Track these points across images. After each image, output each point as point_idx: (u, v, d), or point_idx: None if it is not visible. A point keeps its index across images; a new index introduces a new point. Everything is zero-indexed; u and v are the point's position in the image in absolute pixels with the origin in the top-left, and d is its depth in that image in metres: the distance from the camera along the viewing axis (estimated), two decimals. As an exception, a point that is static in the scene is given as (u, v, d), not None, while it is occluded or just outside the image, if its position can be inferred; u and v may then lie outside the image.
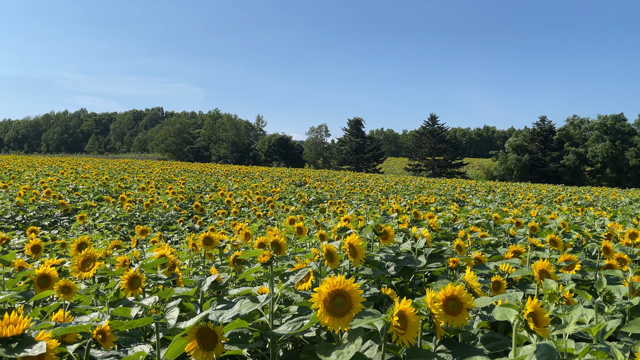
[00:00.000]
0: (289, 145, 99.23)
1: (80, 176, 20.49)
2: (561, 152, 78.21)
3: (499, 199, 18.50)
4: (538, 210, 10.06)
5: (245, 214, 11.44)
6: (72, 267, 2.90)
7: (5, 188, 12.91)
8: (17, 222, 9.98)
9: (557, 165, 77.42)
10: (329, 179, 31.57)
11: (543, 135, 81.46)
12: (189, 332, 2.10)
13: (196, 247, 4.13)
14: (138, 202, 12.37)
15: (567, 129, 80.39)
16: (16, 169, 23.96)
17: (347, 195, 18.11)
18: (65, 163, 34.48)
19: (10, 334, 1.42)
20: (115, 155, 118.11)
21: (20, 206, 10.59)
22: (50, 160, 39.21)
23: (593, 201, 19.29)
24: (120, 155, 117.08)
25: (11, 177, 18.69)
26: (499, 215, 6.15)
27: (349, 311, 1.80)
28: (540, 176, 74.68)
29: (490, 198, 18.63)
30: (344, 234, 2.94)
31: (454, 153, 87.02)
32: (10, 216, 10.13)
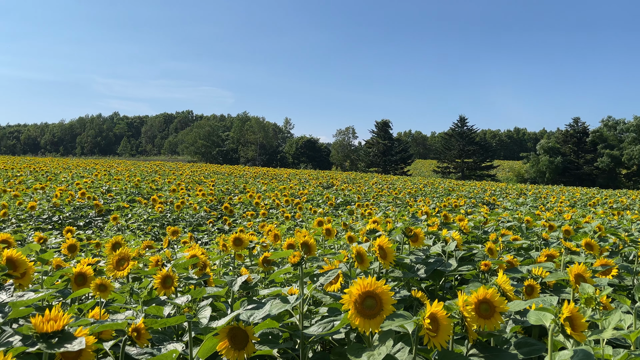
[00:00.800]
0: (316, 147, 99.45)
1: (113, 178, 21.00)
2: (595, 155, 76.05)
3: (531, 202, 18.11)
4: (572, 213, 9.81)
5: (273, 215, 11.52)
6: (107, 266, 2.97)
7: (42, 189, 13.33)
8: (54, 222, 10.29)
9: (591, 167, 75.33)
10: (357, 181, 31.50)
11: (576, 137, 79.41)
12: (221, 332, 2.12)
13: (226, 247, 4.18)
14: (169, 204, 12.59)
15: (601, 131, 78.14)
16: (52, 171, 24.71)
17: (375, 197, 18.03)
18: (99, 165, 35.38)
19: (51, 329, 1.46)
20: (146, 157, 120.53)
21: (56, 207, 10.91)
22: (85, 163, 40.31)
23: (629, 204, 18.69)
24: (151, 157, 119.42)
25: (48, 178, 19.29)
26: (531, 219, 6.02)
27: (379, 313, 1.79)
28: (573, 179, 72.77)
29: (522, 201, 18.26)
30: (373, 235, 2.93)
31: (484, 155, 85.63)
32: (48, 216, 10.46)
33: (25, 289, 2.53)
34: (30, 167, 27.46)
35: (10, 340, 1.94)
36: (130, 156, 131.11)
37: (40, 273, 3.47)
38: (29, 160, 41.68)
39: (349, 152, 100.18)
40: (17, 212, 10.19)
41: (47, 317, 1.48)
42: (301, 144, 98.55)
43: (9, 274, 2.19)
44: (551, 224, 5.36)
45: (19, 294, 2.34)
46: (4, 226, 8.99)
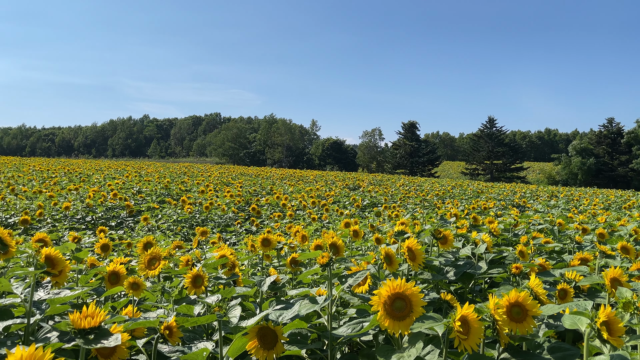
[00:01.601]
0: (342, 149, 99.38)
1: (143, 179, 21.41)
2: (630, 156, 73.76)
3: (563, 204, 17.69)
4: (606, 216, 9.55)
5: (300, 216, 11.56)
6: (138, 265, 3.03)
7: (76, 190, 13.70)
8: (87, 223, 10.56)
9: (625, 169, 73.07)
10: (383, 183, 31.35)
11: (610, 138, 77.19)
12: (250, 331, 2.15)
13: (255, 248, 4.21)
14: (198, 205, 12.77)
15: (636, 132, 75.72)
16: (85, 173, 25.37)
17: (402, 199, 17.90)
18: (130, 167, 36.13)
19: (88, 325, 1.51)
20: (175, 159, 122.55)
21: (89, 207, 11.20)
22: (116, 164, 41.24)
23: (667, 207, 18.06)
24: (180, 159, 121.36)
25: (81, 180, 19.80)
26: (563, 221, 5.89)
27: (409, 315, 1.78)
28: (607, 181, 70.76)
29: (553, 203, 17.86)
30: (401, 237, 2.91)
31: (514, 157, 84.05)
32: (81, 217, 10.74)
33: (61, 286, 2.61)
34: (64, 168, 28.25)
35: (48, 336, 2.00)
36: (160, 158, 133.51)
37: (75, 271, 3.57)
38: (63, 162, 42.89)
39: (375, 153, 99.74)
40: (52, 212, 10.50)
41: (85, 314, 1.52)
42: (327, 145, 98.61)
43: (47, 271, 2.26)
44: (584, 227, 5.22)
45: (55, 291, 2.41)
46: (40, 226, 9.28)
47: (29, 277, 2.91)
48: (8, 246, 2.74)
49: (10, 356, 1.29)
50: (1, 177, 19.66)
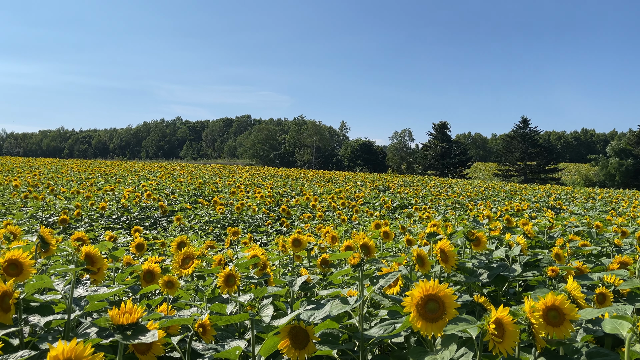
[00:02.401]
0: (371, 150, 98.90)
1: (176, 180, 21.81)
2: (673, 156, 71.04)
3: (600, 206, 17.17)
4: (646, 219, 9.22)
5: (329, 217, 11.57)
6: (172, 264, 3.09)
7: (112, 191, 14.06)
8: (122, 222, 10.83)
9: (667, 170, 70.41)
10: (414, 184, 31.07)
11: (651, 138, 74.51)
12: (282, 330, 2.16)
13: (285, 248, 4.24)
14: (229, 205, 12.93)
15: (679, 131, 72.89)
16: (120, 174, 26.01)
17: (433, 200, 17.71)
18: (163, 168, 36.87)
19: (126, 322, 1.55)
20: (207, 160, 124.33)
21: (125, 207, 11.47)
22: (150, 166, 42.13)
23: None
24: (211, 160, 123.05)
25: (117, 181, 20.30)
26: (601, 224, 5.72)
27: (442, 316, 1.77)
28: (647, 182, 68.29)
29: (590, 205, 17.35)
30: (433, 239, 2.88)
31: (548, 158, 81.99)
32: (117, 216, 11.02)
33: (99, 284, 2.69)
34: (100, 169, 29.04)
35: (87, 332, 2.07)
36: (192, 159, 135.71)
37: (111, 270, 3.66)
38: (99, 164, 44.09)
39: (405, 154, 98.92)
40: (89, 212, 10.81)
41: (123, 310, 1.57)
42: (357, 146, 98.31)
43: (87, 268, 2.33)
44: (624, 230, 5.06)
45: (93, 289, 2.48)
46: (78, 225, 9.56)
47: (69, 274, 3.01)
48: (49, 244, 2.84)
49: (53, 350, 1.34)
50: (41, 178, 20.34)
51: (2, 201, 12.03)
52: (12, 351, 1.92)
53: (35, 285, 2.17)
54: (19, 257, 2.26)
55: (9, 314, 2.03)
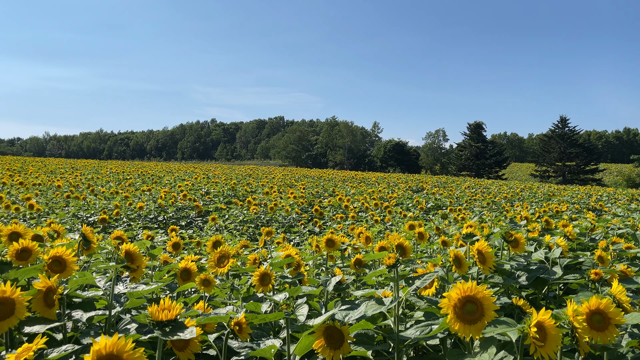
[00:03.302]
0: (404, 151, 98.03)
1: (211, 181, 22.15)
2: None
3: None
4: (695, 221, 8.80)
5: (362, 218, 11.52)
6: (208, 263, 3.13)
7: (149, 191, 14.39)
8: (159, 222, 11.08)
9: None
10: (448, 185, 30.63)
11: (699, 137, 71.23)
12: (317, 330, 2.16)
13: (319, 248, 4.25)
14: (262, 206, 13.05)
15: None
16: (157, 174, 26.61)
17: (468, 202, 17.41)
18: (198, 169, 37.52)
19: (165, 318, 1.58)
20: (240, 162, 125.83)
21: (161, 207, 11.73)
22: (185, 167, 42.95)
23: None
24: (245, 162, 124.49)
25: (154, 181, 20.77)
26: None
27: (480, 318, 1.73)
28: (695, 183, 65.26)
29: (634, 207, 16.70)
30: (470, 240, 2.83)
31: (588, 158, 79.39)
32: (154, 216, 11.27)
33: (137, 281, 2.75)
34: (138, 170, 29.79)
35: (128, 328, 2.11)
36: (226, 160, 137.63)
37: (149, 268, 3.74)
38: (137, 165, 45.22)
39: (439, 155, 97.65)
40: (127, 212, 11.09)
41: (162, 307, 1.60)
42: (389, 147, 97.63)
43: (127, 266, 2.38)
44: (671, 232, 4.85)
45: (132, 286, 2.54)
46: (117, 224, 9.83)
47: (110, 272, 3.09)
48: (90, 242, 2.92)
49: (96, 345, 1.38)
50: (82, 179, 21.01)
51: (46, 201, 12.48)
52: (55, 345, 1.98)
53: (78, 281, 2.23)
54: (63, 255, 2.34)
55: (53, 309, 2.09)
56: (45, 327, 1.96)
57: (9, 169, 25.65)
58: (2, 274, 2.38)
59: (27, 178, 19.29)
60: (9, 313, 1.85)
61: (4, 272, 2.38)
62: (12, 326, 1.86)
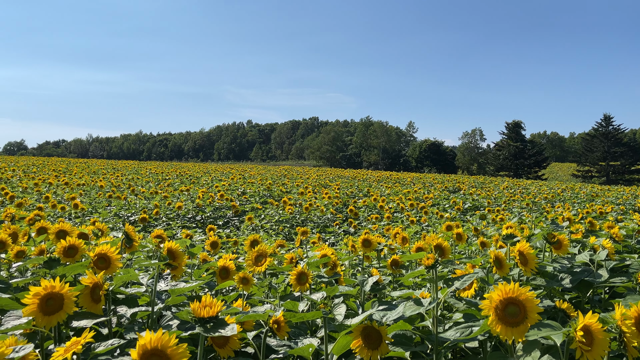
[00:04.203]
0: (440, 150, 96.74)
1: (247, 181, 22.43)
2: None
3: (696, 209, 15.75)
4: None
5: (398, 219, 11.44)
6: (246, 261, 3.17)
7: (187, 191, 14.69)
8: (197, 222, 11.29)
9: None
10: (485, 186, 30.04)
11: None
12: (355, 330, 2.16)
13: (355, 248, 4.24)
14: (298, 206, 13.12)
15: None
16: (195, 175, 27.13)
17: (507, 202, 17.02)
18: (234, 169, 38.06)
19: (207, 315, 1.61)
20: (275, 162, 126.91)
21: (199, 207, 11.96)
22: (222, 167, 43.63)
23: None
24: (279, 162, 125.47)
25: (191, 182, 21.18)
26: (699, 228, 5.23)
27: (523, 321, 1.69)
28: None
29: (684, 208, 15.97)
30: (510, 241, 2.77)
31: (634, 157, 76.33)
32: (192, 216, 11.50)
33: (177, 279, 2.81)
34: (176, 171, 30.45)
35: (170, 324, 2.17)
36: (261, 161, 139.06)
37: (188, 266, 3.82)
38: (175, 165, 46.24)
39: (476, 155, 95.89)
40: (167, 212, 11.36)
41: (204, 304, 1.63)
42: (425, 147, 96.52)
43: (169, 263, 2.44)
44: None
45: (173, 283, 2.60)
46: (157, 224, 10.08)
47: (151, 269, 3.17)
48: (133, 240, 3.01)
49: (141, 339, 1.42)
50: (123, 179, 21.64)
51: (89, 200, 12.91)
52: (102, 339, 2.05)
53: (122, 278, 2.30)
54: (107, 252, 2.42)
55: (99, 305, 2.17)
56: (92, 322, 2.03)
57: (54, 170, 26.68)
58: (51, 270, 2.48)
59: (71, 178, 20.00)
60: (58, 308, 1.93)
61: (52, 269, 2.48)
62: (61, 320, 1.93)
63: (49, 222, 3.87)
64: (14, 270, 3.16)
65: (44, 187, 14.99)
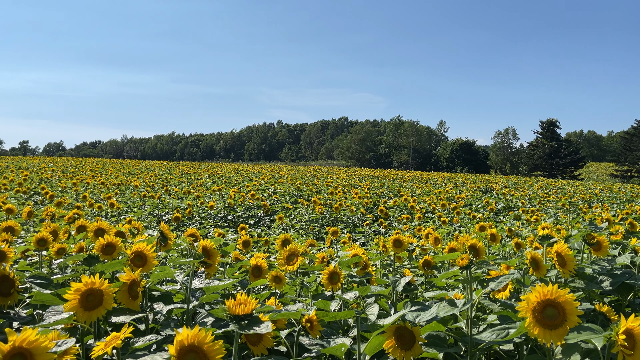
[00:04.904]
0: (472, 150, 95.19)
1: (277, 181, 22.59)
2: None
3: None
4: None
5: (429, 219, 11.32)
6: (278, 260, 3.20)
7: (219, 191, 14.90)
8: (229, 221, 11.44)
9: None
10: (519, 186, 29.42)
11: None
12: (387, 330, 2.15)
13: (386, 249, 4.21)
14: (328, 205, 13.14)
15: None
16: (226, 175, 27.48)
17: (541, 203, 16.64)
18: (264, 170, 38.39)
19: (242, 312, 1.63)
20: (305, 162, 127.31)
21: (231, 207, 12.11)
22: (252, 167, 44.08)
23: None
24: (309, 162, 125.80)
25: (223, 181, 21.46)
26: None
27: (562, 324, 1.65)
28: None
29: None
30: (547, 242, 2.70)
31: (677, 156, 73.48)
32: (224, 215, 11.66)
33: (211, 277, 2.85)
34: (208, 171, 30.92)
35: (205, 321, 2.20)
36: (291, 161, 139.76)
37: (221, 264, 3.87)
38: (207, 166, 46.96)
39: (509, 154, 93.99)
40: (199, 211, 11.54)
41: (238, 301, 1.65)
42: (456, 147, 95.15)
43: (204, 261, 2.48)
44: None
45: (206, 281, 2.64)
46: (189, 223, 10.25)
47: (187, 267, 3.23)
48: (168, 239, 3.07)
49: (179, 335, 1.44)
50: (157, 179, 22.09)
51: (125, 199, 13.23)
52: (139, 335, 2.10)
53: (159, 275, 2.35)
54: (144, 250, 2.47)
55: (136, 301, 2.22)
56: (130, 318, 2.08)
57: (91, 170, 27.47)
58: (90, 267, 2.55)
59: (107, 178, 20.55)
60: (97, 303, 1.98)
61: (91, 265, 2.55)
62: (100, 316, 1.99)
63: (87, 220, 3.98)
64: (55, 267, 3.26)
65: (81, 187, 15.46)
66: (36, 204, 11.52)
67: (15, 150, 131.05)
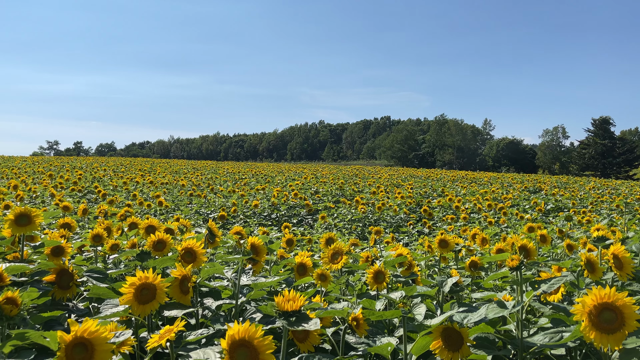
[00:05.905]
0: (519, 149, 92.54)
1: (319, 181, 22.68)
2: None
3: None
4: None
5: (474, 220, 11.09)
6: (322, 258, 3.21)
7: (263, 190, 15.11)
8: (272, 219, 11.59)
9: None
10: (569, 186, 28.37)
11: None
12: (434, 330, 2.12)
13: (431, 249, 4.17)
14: (370, 205, 13.09)
15: None
16: (269, 174, 27.83)
17: (593, 203, 15.99)
18: (307, 169, 38.61)
19: (291, 308, 1.65)
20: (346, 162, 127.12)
21: (274, 205, 12.26)
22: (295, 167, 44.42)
23: None
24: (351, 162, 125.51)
25: (266, 181, 21.74)
26: None
27: (620, 328, 1.59)
28: None
29: None
30: (602, 244, 2.60)
31: None
32: (267, 214, 11.82)
33: (257, 274, 2.90)
34: (251, 171, 31.40)
35: (254, 317, 2.24)
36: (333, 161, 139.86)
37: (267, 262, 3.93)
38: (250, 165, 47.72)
39: (558, 153, 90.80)
40: (244, 210, 11.74)
41: (287, 298, 1.67)
42: (502, 145, 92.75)
43: (252, 258, 2.53)
44: None
45: (253, 278, 2.69)
46: (234, 221, 10.45)
47: (234, 264, 3.30)
48: (216, 236, 3.14)
49: (230, 330, 1.48)
50: (202, 179, 22.62)
51: (172, 198, 13.62)
52: (191, 329, 2.16)
53: (209, 271, 2.41)
54: (194, 246, 2.54)
55: (187, 296, 2.29)
56: (181, 312, 2.15)
57: (140, 170, 28.41)
58: (142, 262, 2.65)
59: (156, 178, 21.21)
60: (151, 297, 2.06)
61: (144, 261, 2.65)
62: (153, 310, 2.06)
63: (137, 218, 4.13)
64: (109, 262, 3.40)
65: (131, 186, 16.02)
66: (90, 202, 12.03)
67: (70, 151, 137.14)
